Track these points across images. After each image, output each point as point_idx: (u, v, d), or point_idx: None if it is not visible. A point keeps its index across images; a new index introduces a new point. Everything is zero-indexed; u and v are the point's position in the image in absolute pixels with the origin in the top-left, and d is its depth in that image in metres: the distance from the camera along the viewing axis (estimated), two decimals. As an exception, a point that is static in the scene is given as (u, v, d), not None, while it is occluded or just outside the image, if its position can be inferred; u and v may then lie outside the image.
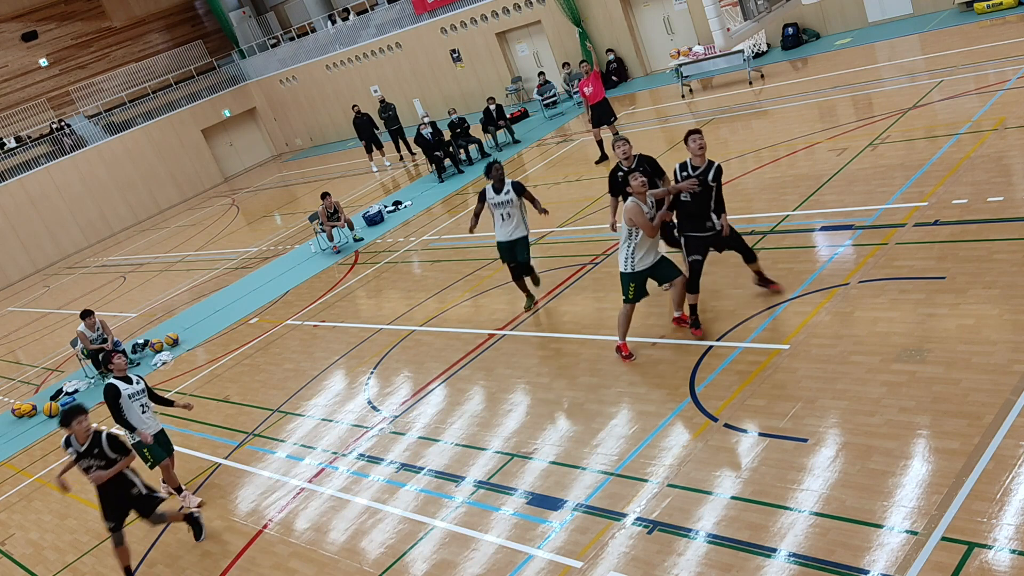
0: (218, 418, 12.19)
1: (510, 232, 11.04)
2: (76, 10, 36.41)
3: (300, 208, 25.17)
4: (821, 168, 12.86)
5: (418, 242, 17.10)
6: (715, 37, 13.72)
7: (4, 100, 34.61)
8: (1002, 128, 11.89)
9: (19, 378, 18.44)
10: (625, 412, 8.48)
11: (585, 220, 14.46)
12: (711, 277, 10.64)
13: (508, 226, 11.03)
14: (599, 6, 25.23)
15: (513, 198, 10.97)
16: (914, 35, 18.75)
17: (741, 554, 6.12)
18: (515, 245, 11.09)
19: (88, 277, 27.17)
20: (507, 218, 10.99)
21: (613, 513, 7.05)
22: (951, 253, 9.12)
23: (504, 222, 11.03)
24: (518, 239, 11.07)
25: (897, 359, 7.64)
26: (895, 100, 14.93)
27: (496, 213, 11.03)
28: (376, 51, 32.05)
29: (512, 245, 11.10)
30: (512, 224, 11.02)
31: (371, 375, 11.65)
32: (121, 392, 9.33)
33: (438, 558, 7.35)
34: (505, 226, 11.03)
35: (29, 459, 13.35)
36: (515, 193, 10.97)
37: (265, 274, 18.94)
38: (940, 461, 6.28)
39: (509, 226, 11.02)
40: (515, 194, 10.97)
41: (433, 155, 21.56)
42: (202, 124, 36.85)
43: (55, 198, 33.03)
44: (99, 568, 9.36)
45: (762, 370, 8.25)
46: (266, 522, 8.95)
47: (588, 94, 17.13)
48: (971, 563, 5.35)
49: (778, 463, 6.91)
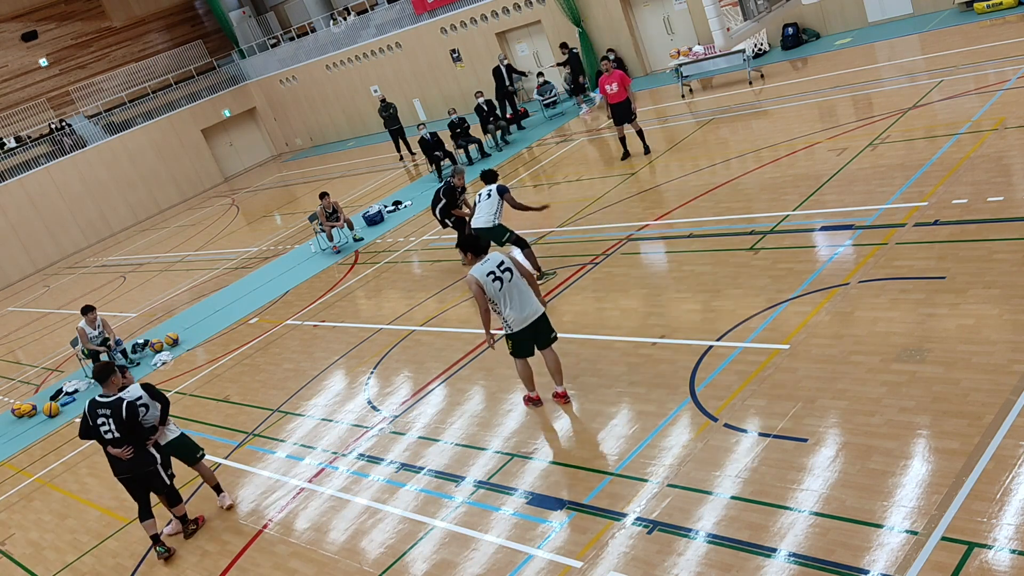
0: (218, 418, 12.19)
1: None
2: (76, 10, 36.40)
3: (300, 208, 25.17)
4: (821, 168, 12.86)
5: (418, 242, 17.10)
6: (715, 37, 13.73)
7: (4, 100, 34.61)
8: (1002, 128, 11.89)
9: (19, 378, 18.44)
10: (625, 412, 8.48)
11: (585, 220, 14.46)
12: (711, 277, 10.65)
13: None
14: (599, 6, 25.23)
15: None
16: (914, 35, 18.75)
17: (741, 554, 6.12)
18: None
19: (88, 277, 27.17)
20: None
21: (613, 513, 7.05)
22: (951, 253, 9.12)
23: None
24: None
25: (897, 359, 7.64)
26: (895, 100, 14.93)
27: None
28: (376, 51, 32.04)
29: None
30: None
31: (371, 375, 11.65)
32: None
33: (438, 558, 7.35)
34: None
35: (29, 459, 13.36)
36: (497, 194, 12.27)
37: (265, 274, 18.94)
38: (940, 461, 6.28)
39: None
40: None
41: (433, 155, 21.57)
42: (202, 124, 36.85)
43: (55, 198, 33.03)
44: (99, 568, 9.36)
45: (762, 370, 8.25)
46: (266, 522, 8.95)
47: (611, 92, 16.58)
48: (971, 563, 5.35)
49: (778, 463, 6.91)
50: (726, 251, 11.18)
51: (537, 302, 8.58)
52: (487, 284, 8.30)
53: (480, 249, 8.59)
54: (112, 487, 11.23)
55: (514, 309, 8.40)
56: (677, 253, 11.85)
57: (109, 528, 10.15)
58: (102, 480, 11.56)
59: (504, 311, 8.41)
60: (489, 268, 8.34)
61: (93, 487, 11.46)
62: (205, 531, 9.25)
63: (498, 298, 8.36)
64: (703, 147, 16.26)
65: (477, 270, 8.36)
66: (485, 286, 8.30)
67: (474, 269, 8.40)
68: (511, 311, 8.39)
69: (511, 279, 8.37)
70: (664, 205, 13.76)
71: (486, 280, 8.30)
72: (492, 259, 8.41)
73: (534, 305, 8.52)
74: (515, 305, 8.39)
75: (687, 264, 11.38)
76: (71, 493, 11.53)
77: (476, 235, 10.13)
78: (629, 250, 12.52)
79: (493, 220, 12.25)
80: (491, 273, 8.33)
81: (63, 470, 12.39)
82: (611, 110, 16.82)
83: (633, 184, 15.53)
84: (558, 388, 8.92)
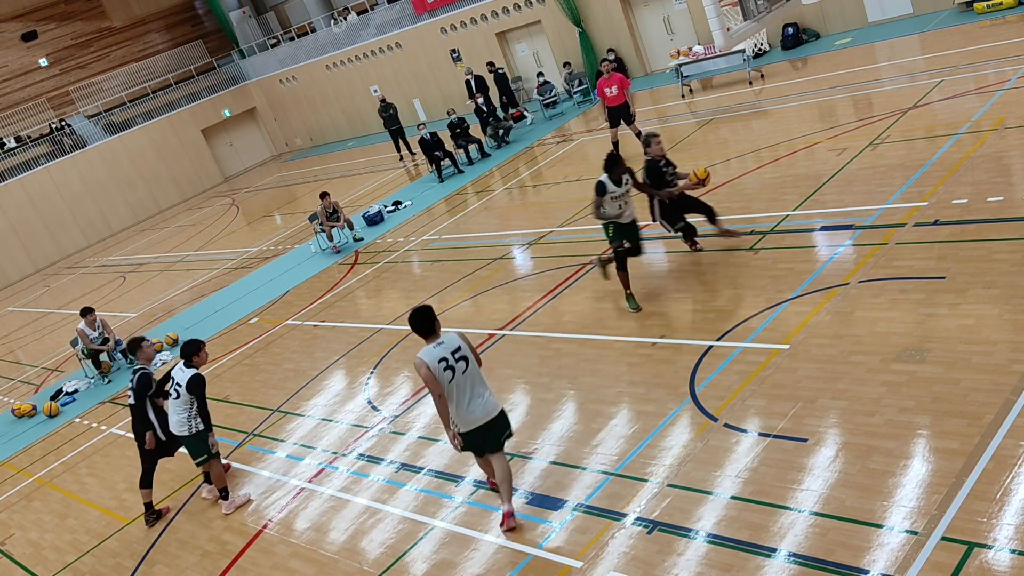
0: (218, 418, 12.15)
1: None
2: (76, 10, 36.41)
3: (300, 208, 25.16)
4: (821, 168, 12.86)
5: (418, 242, 17.10)
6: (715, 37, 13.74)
7: (4, 100, 34.62)
8: (1002, 128, 11.89)
9: (19, 378, 18.44)
10: (625, 412, 8.48)
11: (585, 220, 14.45)
12: (711, 277, 10.65)
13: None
14: (599, 6, 25.24)
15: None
16: (914, 35, 18.76)
17: (741, 554, 6.12)
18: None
19: (88, 277, 27.17)
20: (624, 205, 10.35)
21: (613, 513, 7.05)
22: (951, 253, 9.12)
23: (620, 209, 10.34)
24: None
25: (897, 359, 7.64)
26: (895, 100, 14.93)
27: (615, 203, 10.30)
28: (376, 51, 32.05)
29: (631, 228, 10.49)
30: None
31: (371, 375, 11.65)
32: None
33: (438, 558, 7.35)
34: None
35: (29, 459, 13.36)
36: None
37: (265, 274, 18.94)
38: (940, 461, 6.28)
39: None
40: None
41: (433, 155, 21.57)
42: (202, 124, 36.86)
43: (55, 198, 33.04)
44: (99, 568, 9.36)
45: (762, 370, 8.25)
46: (266, 522, 8.95)
47: (610, 95, 16.47)
48: (971, 563, 5.35)
49: (778, 463, 6.91)
50: (726, 251, 11.18)
51: (493, 399, 7.20)
52: (437, 372, 6.96)
53: (430, 330, 7.11)
54: (112, 487, 11.24)
55: (462, 408, 7.09)
56: (677, 253, 11.85)
57: (109, 528, 10.15)
58: (102, 480, 11.56)
59: (451, 407, 7.12)
60: (441, 354, 6.98)
61: (93, 487, 11.46)
62: (205, 531, 9.25)
63: (446, 391, 7.03)
64: (703, 147, 16.26)
65: (427, 353, 6.98)
66: (436, 373, 6.98)
67: (424, 352, 7.02)
68: (458, 409, 7.10)
69: (465, 370, 7.02)
70: (664, 205, 13.74)
71: (437, 367, 6.95)
72: (447, 342, 7.05)
73: (488, 405, 7.14)
74: (463, 403, 7.07)
75: (687, 264, 11.38)
76: (71, 493, 11.54)
77: (423, 316, 7.19)
78: (629, 250, 12.50)
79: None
80: (443, 360, 6.97)
81: (63, 470, 12.39)
82: (608, 113, 16.82)
83: (633, 184, 15.52)
84: (504, 507, 7.35)
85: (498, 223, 16.46)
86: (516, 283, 13.01)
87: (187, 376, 8.98)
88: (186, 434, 9.20)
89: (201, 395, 9.07)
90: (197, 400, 9.07)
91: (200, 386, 9.03)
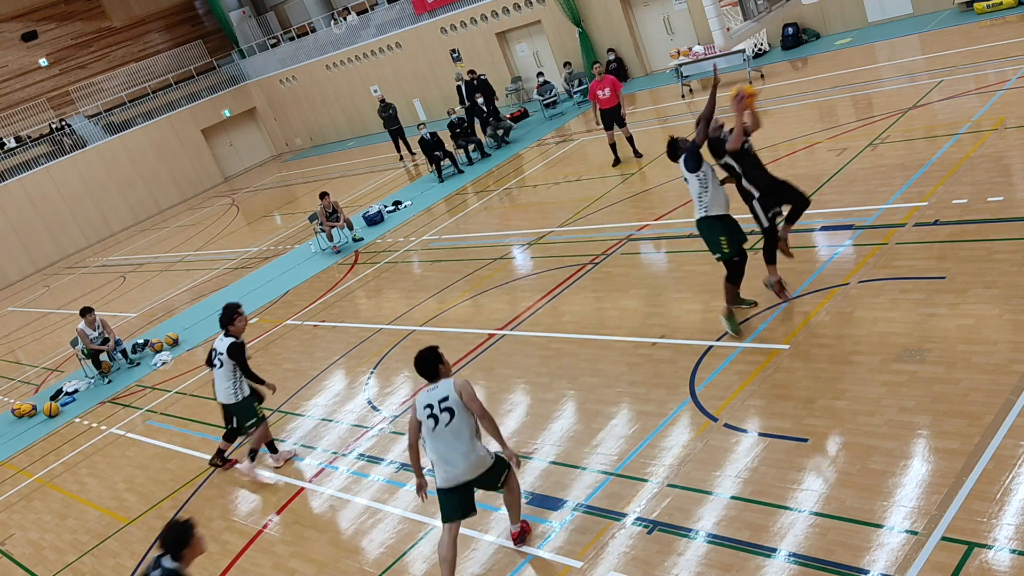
0: (218, 418, 12.16)
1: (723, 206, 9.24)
2: (76, 10, 36.40)
3: (300, 208, 25.16)
4: (821, 168, 12.85)
5: (418, 242, 17.10)
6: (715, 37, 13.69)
7: (4, 100, 34.61)
8: (1002, 128, 11.89)
9: (19, 378, 18.44)
10: (625, 412, 8.48)
11: (585, 220, 14.46)
12: (711, 277, 10.64)
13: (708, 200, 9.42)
14: (599, 6, 25.23)
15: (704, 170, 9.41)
16: (914, 35, 18.76)
17: (741, 554, 6.12)
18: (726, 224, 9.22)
19: (88, 277, 27.17)
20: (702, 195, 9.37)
21: (613, 513, 7.05)
22: (951, 253, 9.12)
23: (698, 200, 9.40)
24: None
25: (897, 359, 7.64)
26: (895, 100, 14.93)
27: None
28: (376, 51, 32.05)
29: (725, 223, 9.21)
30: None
31: (371, 375, 11.65)
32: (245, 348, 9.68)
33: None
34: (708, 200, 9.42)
35: (29, 459, 13.36)
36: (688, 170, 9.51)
37: (265, 274, 18.93)
38: (940, 461, 6.28)
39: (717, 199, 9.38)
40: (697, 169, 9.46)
41: (433, 155, 21.57)
42: (202, 124, 36.85)
43: (55, 198, 33.03)
44: (99, 568, 9.36)
45: (762, 370, 8.25)
46: (266, 522, 8.95)
47: (603, 97, 16.49)
48: (971, 563, 5.35)
49: (778, 463, 6.91)
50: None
51: (472, 461, 6.58)
52: (421, 417, 6.60)
53: (428, 375, 6.71)
54: (112, 487, 11.24)
55: (439, 462, 6.62)
56: (677, 253, 11.85)
57: (109, 528, 10.15)
58: (102, 480, 11.57)
59: (432, 457, 6.68)
60: (428, 400, 6.57)
61: (93, 487, 11.46)
62: (205, 531, 9.19)
63: (427, 439, 6.63)
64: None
65: (420, 396, 6.66)
66: (420, 418, 6.62)
67: (419, 393, 6.71)
68: (436, 463, 6.65)
69: (448, 423, 6.51)
70: (664, 205, 13.75)
71: (422, 412, 6.58)
72: (440, 389, 6.60)
73: (461, 466, 6.56)
74: (439, 457, 6.60)
75: (687, 264, 11.38)
76: (71, 493, 11.54)
77: (422, 360, 6.80)
78: (629, 250, 12.52)
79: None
80: (429, 407, 6.55)
81: (63, 470, 12.39)
82: (602, 115, 16.84)
83: (633, 184, 15.53)
84: (513, 527, 7.12)
85: (498, 223, 16.46)
86: (516, 283, 13.01)
87: (226, 344, 9.45)
88: (233, 402, 9.65)
89: (241, 359, 9.46)
90: (239, 365, 9.45)
91: (239, 351, 9.44)
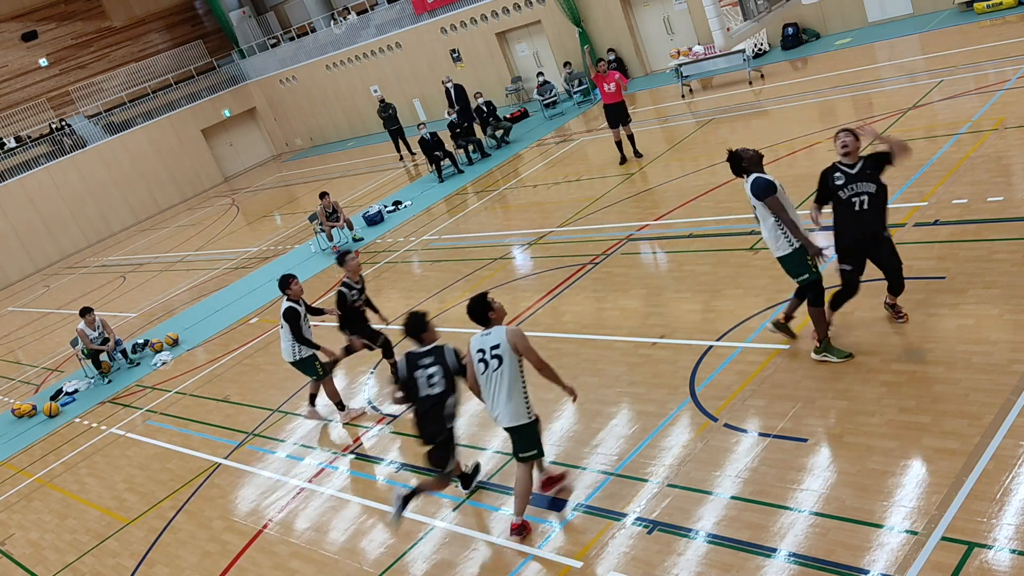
0: (218, 418, 12.19)
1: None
2: (76, 10, 36.40)
3: (300, 208, 25.16)
4: (821, 168, 12.78)
5: (418, 242, 17.10)
6: (715, 37, 13.72)
7: (4, 100, 34.61)
8: (1002, 128, 11.89)
9: (19, 378, 18.44)
10: (625, 412, 8.48)
11: (585, 220, 14.46)
12: (711, 277, 10.64)
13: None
14: (599, 6, 25.24)
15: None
16: (914, 35, 18.75)
17: (741, 554, 6.12)
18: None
19: (88, 277, 27.17)
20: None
21: (613, 513, 7.05)
22: (951, 253, 9.12)
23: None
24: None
25: (897, 359, 7.64)
26: (895, 100, 14.93)
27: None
28: (376, 51, 32.05)
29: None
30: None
31: (371, 375, 11.65)
32: (300, 314, 10.04)
33: (438, 558, 7.35)
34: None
35: (29, 459, 13.36)
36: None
37: (265, 274, 18.93)
38: (940, 461, 6.28)
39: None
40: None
41: (433, 155, 21.57)
42: (202, 124, 36.86)
43: (55, 198, 33.03)
44: (99, 568, 9.36)
45: (762, 370, 8.25)
46: (266, 522, 8.96)
47: (608, 92, 16.39)
48: (971, 563, 5.35)
49: (778, 463, 6.91)
50: (726, 251, 11.18)
51: (510, 410, 6.87)
52: (474, 360, 6.99)
53: (479, 321, 7.06)
54: (112, 487, 11.24)
55: (487, 404, 7.08)
56: (677, 253, 11.85)
57: (109, 528, 10.15)
58: (102, 480, 11.57)
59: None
60: (480, 344, 6.94)
61: (93, 487, 11.46)
62: (205, 531, 9.25)
63: (480, 381, 7.01)
64: (703, 147, 16.26)
65: (473, 340, 7.02)
66: (473, 360, 6.99)
67: (474, 338, 7.05)
68: (486, 404, 7.12)
69: (496, 368, 6.84)
70: (664, 205, 13.76)
71: (475, 356, 6.96)
72: (493, 335, 6.92)
73: (501, 410, 6.92)
74: (488, 400, 7.03)
75: (687, 264, 11.38)
76: (71, 493, 11.54)
77: (472, 306, 7.18)
78: (629, 250, 12.52)
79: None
80: (481, 351, 6.93)
81: (63, 470, 12.39)
82: (606, 111, 16.80)
83: (633, 184, 15.53)
84: (515, 519, 7.21)
85: (498, 223, 16.46)
86: (516, 283, 13.01)
87: (283, 308, 9.98)
88: (293, 359, 10.17)
89: (294, 323, 9.89)
90: (291, 328, 9.90)
91: (290, 315, 9.91)
